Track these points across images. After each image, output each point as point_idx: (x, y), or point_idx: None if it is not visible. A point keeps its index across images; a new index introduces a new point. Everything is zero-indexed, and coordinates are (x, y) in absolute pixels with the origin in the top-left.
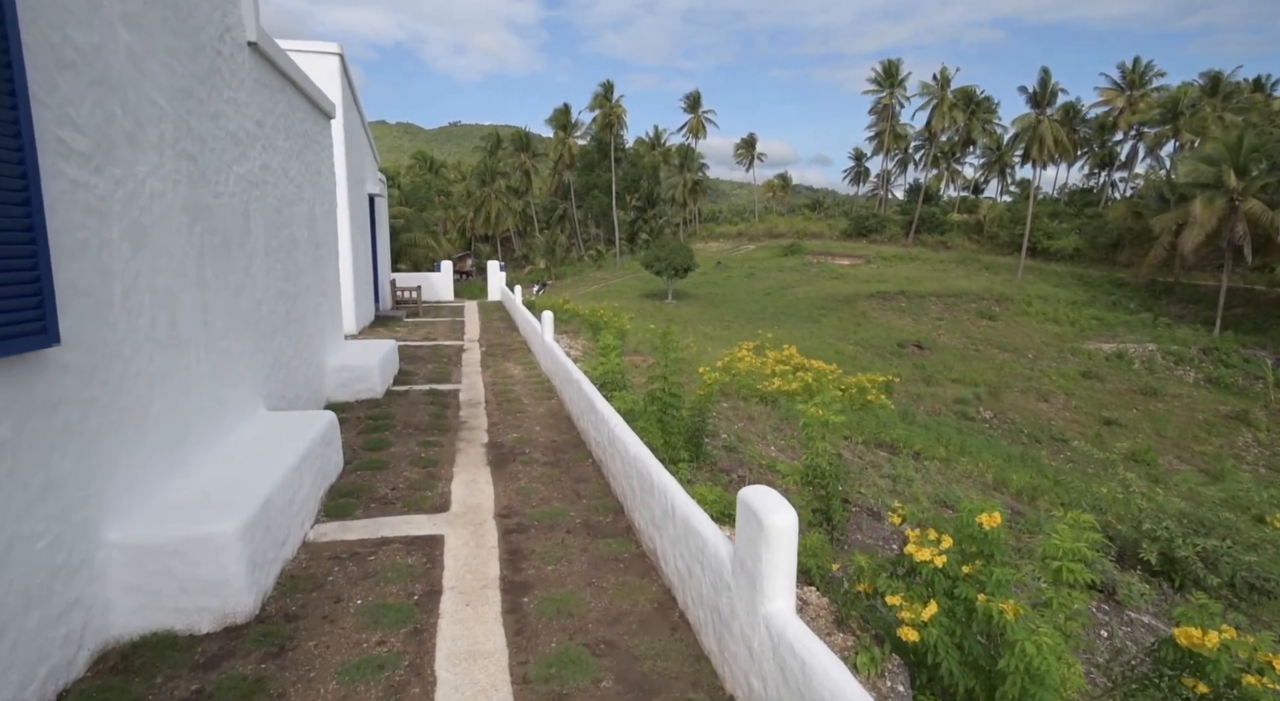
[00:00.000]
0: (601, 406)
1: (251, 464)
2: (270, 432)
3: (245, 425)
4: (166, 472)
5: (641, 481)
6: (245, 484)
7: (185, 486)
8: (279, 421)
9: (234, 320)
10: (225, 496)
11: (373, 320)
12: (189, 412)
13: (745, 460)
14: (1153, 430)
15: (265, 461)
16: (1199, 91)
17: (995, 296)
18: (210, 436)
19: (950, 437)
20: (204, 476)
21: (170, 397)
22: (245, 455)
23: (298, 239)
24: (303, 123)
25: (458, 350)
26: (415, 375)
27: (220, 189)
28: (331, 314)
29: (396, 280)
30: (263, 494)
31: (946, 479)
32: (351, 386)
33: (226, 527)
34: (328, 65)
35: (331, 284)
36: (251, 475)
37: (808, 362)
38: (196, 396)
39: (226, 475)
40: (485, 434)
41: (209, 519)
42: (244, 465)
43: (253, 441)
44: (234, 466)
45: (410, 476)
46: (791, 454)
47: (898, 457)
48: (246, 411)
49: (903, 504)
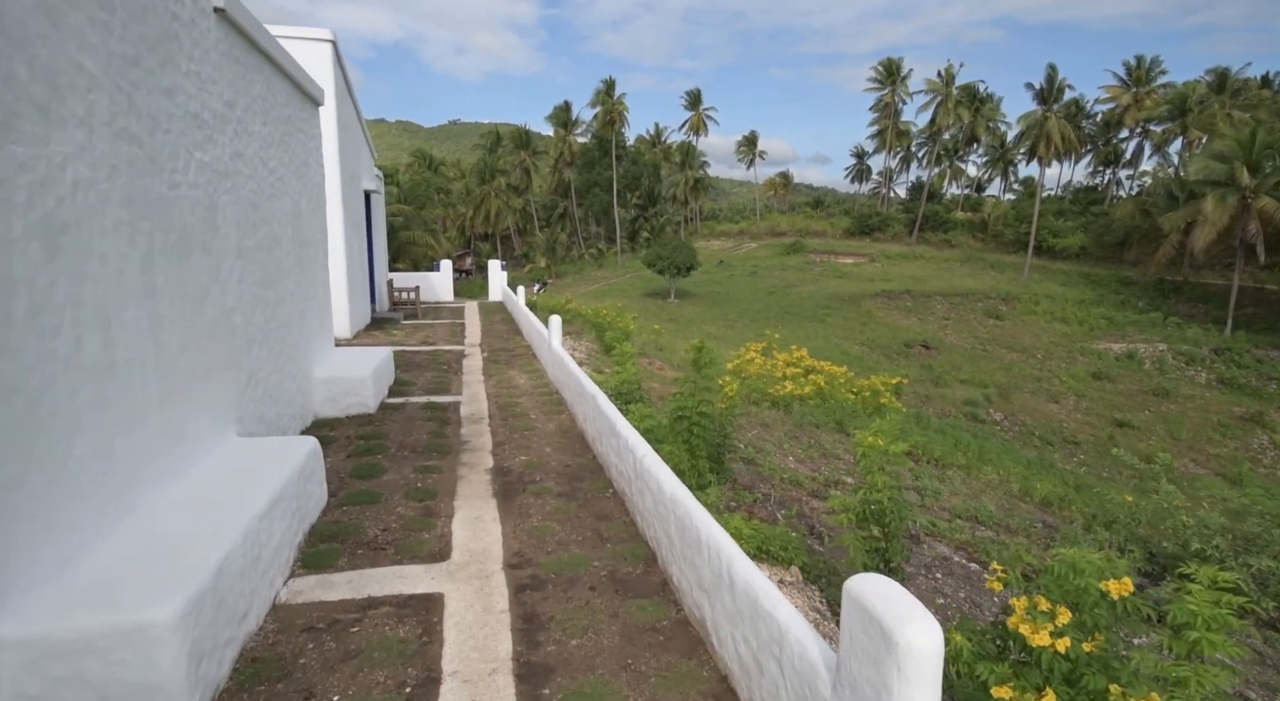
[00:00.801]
0: (624, 429)
1: (208, 512)
2: (239, 466)
3: (209, 458)
4: (93, 534)
5: (682, 530)
6: (196, 542)
7: (116, 551)
8: (251, 451)
9: (196, 334)
10: (166, 564)
11: (368, 323)
12: (129, 453)
13: (766, 474)
14: (1166, 432)
15: (227, 507)
16: (1207, 88)
17: (1002, 296)
18: (159, 477)
19: (968, 443)
20: (143, 534)
21: (100, 437)
22: (203, 499)
23: (279, 238)
24: (285, 107)
25: (458, 356)
26: (412, 385)
27: (178, 178)
28: (320, 320)
29: (394, 280)
30: (216, 557)
31: (972, 490)
32: (341, 400)
33: (161, 613)
34: (319, 53)
35: (320, 287)
36: (206, 528)
37: (818, 365)
38: (140, 431)
39: (174, 530)
40: (490, 456)
41: (138, 600)
42: (199, 514)
43: (215, 479)
44: (186, 517)
45: (404, 513)
46: (811, 465)
47: (919, 466)
48: (211, 441)
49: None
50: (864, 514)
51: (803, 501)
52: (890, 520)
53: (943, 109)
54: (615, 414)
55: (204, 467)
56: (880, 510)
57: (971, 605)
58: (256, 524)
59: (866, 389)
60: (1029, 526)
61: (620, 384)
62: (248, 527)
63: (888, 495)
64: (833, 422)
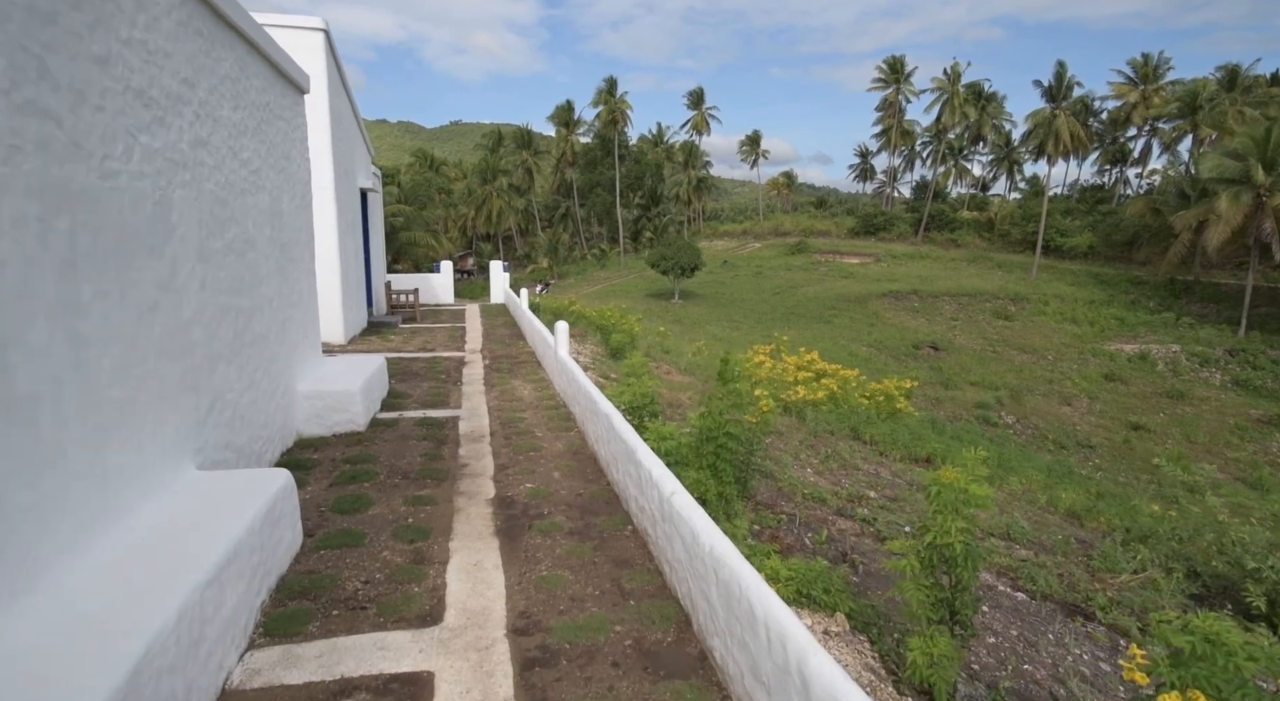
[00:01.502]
0: (646, 457)
1: (138, 580)
2: (191, 510)
3: (155, 502)
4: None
5: (728, 598)
6: (113, 627)
7: (2, 648)
8: (210, 489)
9: (140, 354)
10: (66, 664)
11: (365, 327)
12: (35, 509)
13: (786, 489)
14: (1182, 436)
15: (163, 572)
16: (1217, 85)
17: (1010, 296)
18: (80, 535)
19: (988, 450)
20: (45, 619)
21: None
22: (135, 562)
23: (254, 239)
24: (262, 93)
25: (458, 363)
26: (407, 398)
27: (114, 166)
28: (304, 329)
29: (392, 282)
30: (136, 650)
31: (1000, 501)
32: (328, 417)
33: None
34: (310, 42)
35: (305, 292)
36: (130, 606)
37: (829, 368)
38: (51, 478)
39: (87, 611)
40: (491, 484)
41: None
42: (125, 584)
43: (158, 530)
44: (107, 589)
45: (391, 558)
46: (831, 477)
47: None
48: (160, 479)
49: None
50: (930, 560)
51: (830, 522)
52: (962, 570)
53: (949, 107)
54: (634, 438)
55: (147, 515)
56: (952, 557)
57: (1025, 644)
58: (200, 595)
59: (880, 393)
60: (1065, 544)
61: (635, 398)
62: (186, 602)
63: (962, 541)
64: (848, 429)
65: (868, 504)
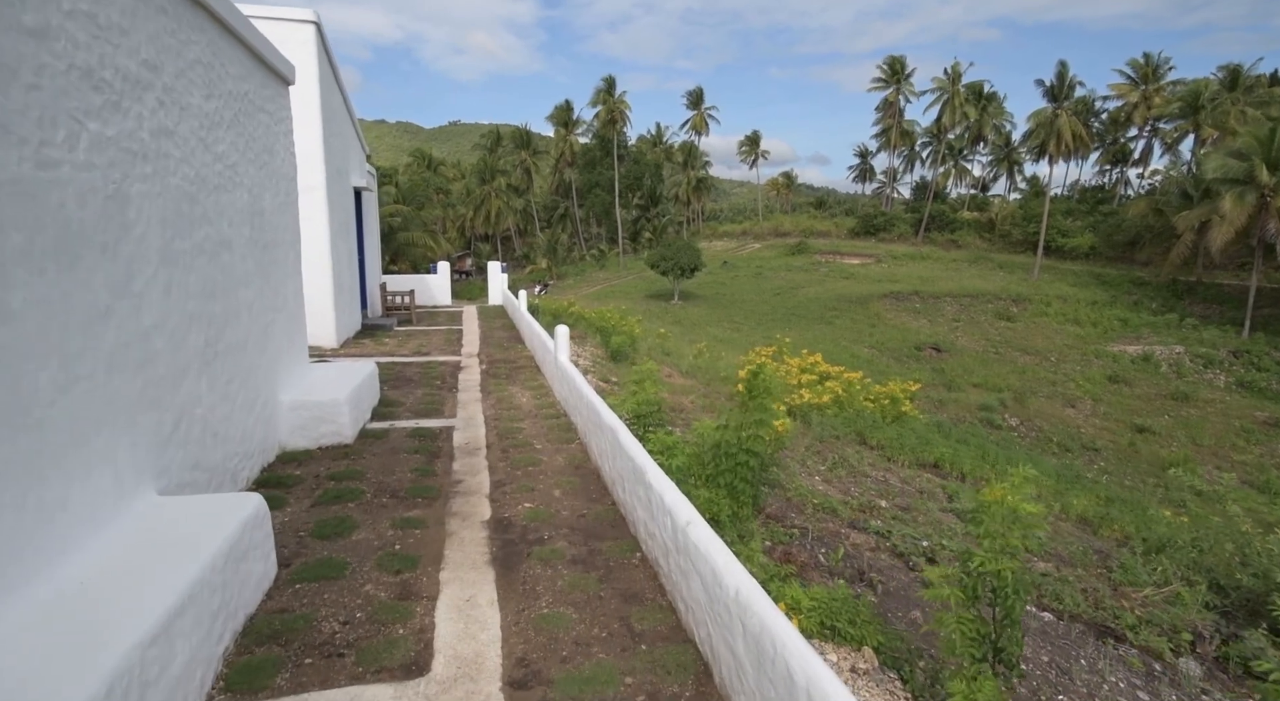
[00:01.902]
0: (657, 479)
1: (66, 638)
2: (146, 543)
3: (104, 534)
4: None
5: (759, 655)
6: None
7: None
8: (172, 517)
9: (88, 366)
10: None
11: (359, 330)
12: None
13: (795, 500)
14: (1188, 438)
15: (101, 623)
16: (1219, 85)
17: (1012, 296)
18: (7, 578)
19: (995, 455)
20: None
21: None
22: (68, 611)
23: (231, 239)
24: (240, 81)
25: (454, 368)
26: (400, 406)
27: (54, 155)
28: (290, 335)
29: (387, 284)
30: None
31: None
32: (313, 429)
33: None
34: (300, 35)
35: (290, 296)
36: (50, 672)
37: (832, 370)
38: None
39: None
40: (487, 503)
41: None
42: (47, 644)
43: (103, 569)
44: (24, 651)
45: (375, 593)
46: (840, 486)
47: (947, 481)
48: (111, 509)
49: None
50: (974, 590)
51: (843, 536)
52: (1013, 601)
53: (949, 107)
54: (643, 457)
55: (93, 552)
56: (1002, 587)
57: (1058, 671)
58: (141, 655)
59: (885, 396)
60: (1084, 555)
61: (640, 406)
62: (121, 666)
63: (1011, 569)
64: (853, 433)
65: (880, 514)
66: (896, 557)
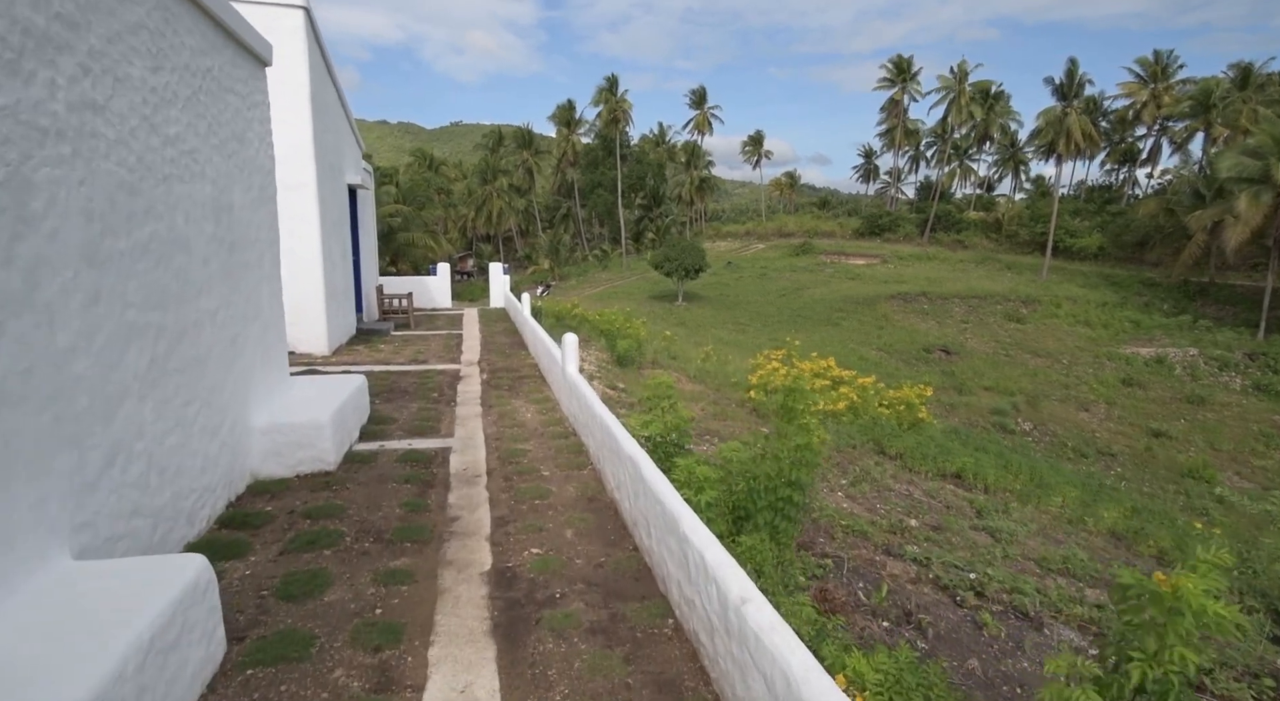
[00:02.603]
0: (695, 533)
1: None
2: (32, 639)
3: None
4: None
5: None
6: None
7: None
8: (84, 591)
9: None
10: None
11: (353, 335)
12: None
13: (823, 522)
14: (1206, 443)
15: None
16: (1230, 84)
17: (1021, 298)
18: None
19: (1018, 464)
20: None
21: None
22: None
23: (189, 238)
24: (201, 55)
25: (452, 378)
26: (392, 423)
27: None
28: (266, 346)
29: (384, 286)
30: None
31: (1041, 524)
32: (290, 455)
33: None
34: (289, 22)
35: (266, 303)
36: None
37: (845, 374)
38: None
39: None
40: (487, 548)
41: None
42: None
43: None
44: None
45: (346, 682)
46: (865, 503)
47: (973, 495)
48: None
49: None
50: (1118, 692)
51: (880, 566)
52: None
53: (955, 106)
54: (676, 501)
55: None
56: (1164, 693)
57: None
58: None
59: (900, 402)
60: None
61: (665, 430)
62: None
63: (1180, 675)
64: (870, 442)
65: (912, 536)
66: (940, 590)
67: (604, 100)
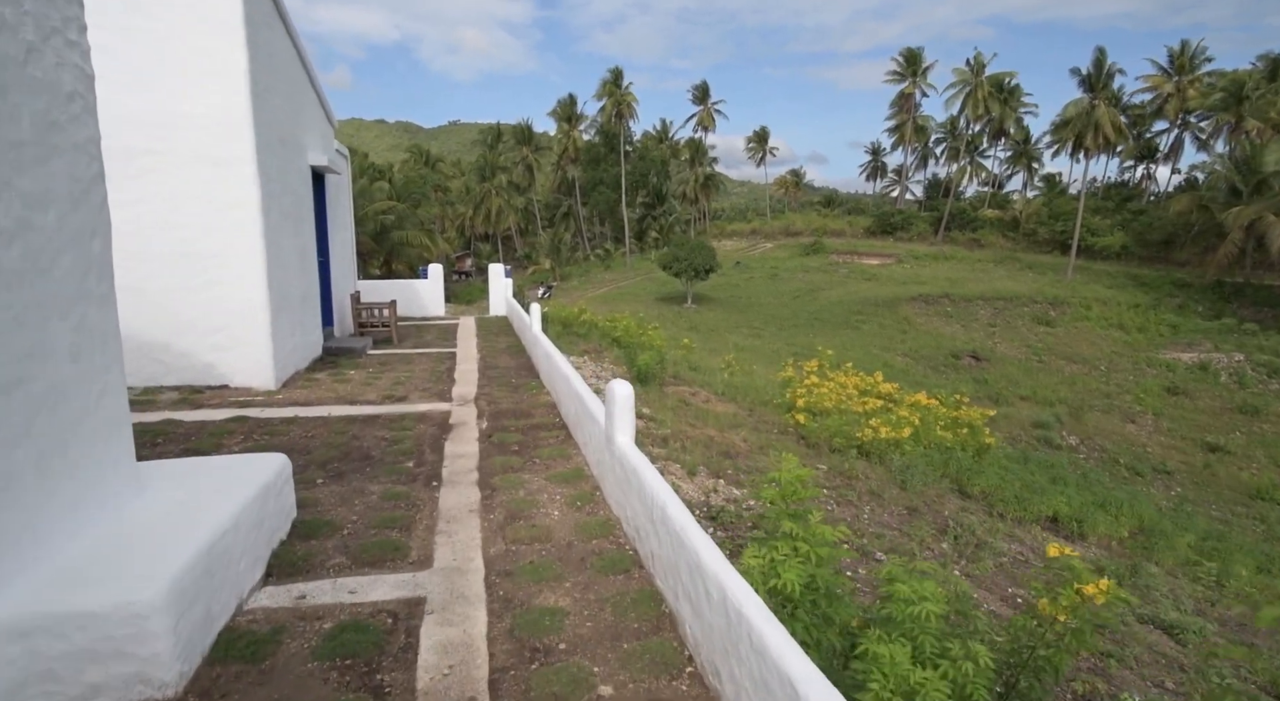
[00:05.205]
0: None
1: None
2: None
3: None
4: None
5: None
6: None
7: None
8: None
9: None
10: None
11: (317, 357)
12: None
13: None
14: (1267, 458)
15: None
16: (1260, 76)
17: (1048, 299)
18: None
19: (1118, 502)
20: None
21: None
22: None
23: None
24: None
25: (439, 428)
26: (330, 534)
27: None
28: (64, 430)
29: (361, 293)
30: None
31: (1195, 597)
32: (72, 679)
33: None
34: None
35: (81, 347)
36: None
37: (895, 391)
38: None
39: None
40: None
41: None
42: None
43: None
44: None
45: None
46: (996, 590)
47: (1087, 552)
48: None
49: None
50: None
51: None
52: None
53: (971, 100)
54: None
55: None
56: None
57: None
58: None
59: (963, 425)
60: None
61: (803, 576)
62: None
63: None
64: (946, 480)
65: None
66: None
67: (608, 93)
